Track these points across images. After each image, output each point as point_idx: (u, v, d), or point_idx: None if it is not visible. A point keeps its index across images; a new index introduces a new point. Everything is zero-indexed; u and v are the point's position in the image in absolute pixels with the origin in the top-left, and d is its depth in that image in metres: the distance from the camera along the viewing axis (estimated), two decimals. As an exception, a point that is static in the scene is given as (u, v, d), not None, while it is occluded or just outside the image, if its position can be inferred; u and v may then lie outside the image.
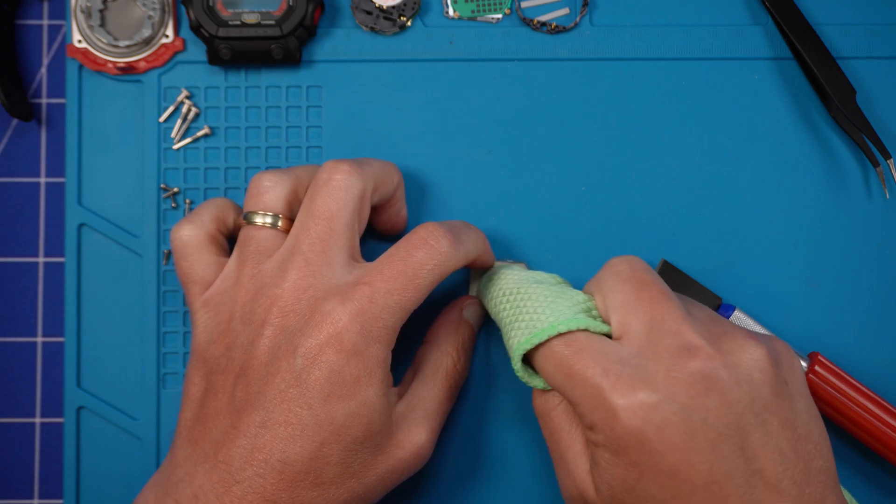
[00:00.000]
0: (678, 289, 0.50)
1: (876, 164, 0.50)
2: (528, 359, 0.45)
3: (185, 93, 0.52)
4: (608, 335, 0.43)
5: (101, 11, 0.51)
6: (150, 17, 0.51)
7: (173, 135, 0.52)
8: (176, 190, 0.52)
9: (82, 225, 0.52)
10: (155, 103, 0.52)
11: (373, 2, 0.51)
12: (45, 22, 0.54)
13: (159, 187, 0.52)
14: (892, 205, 0.51)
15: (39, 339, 0.53)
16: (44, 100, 0.54)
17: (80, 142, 0.52)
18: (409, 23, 0.52)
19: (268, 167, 0.52)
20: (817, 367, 0.48)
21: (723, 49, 0.52)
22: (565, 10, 0.52)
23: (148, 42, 0.52)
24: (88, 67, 0.52)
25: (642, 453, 0.40)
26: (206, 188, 0.52)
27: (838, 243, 0.51)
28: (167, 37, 0.52)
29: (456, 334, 0.49)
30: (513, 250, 0.52)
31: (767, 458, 0.40)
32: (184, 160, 0.52)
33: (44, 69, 0.54)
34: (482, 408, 0.51)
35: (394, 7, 0.52)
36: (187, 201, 0.52)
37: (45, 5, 0.54)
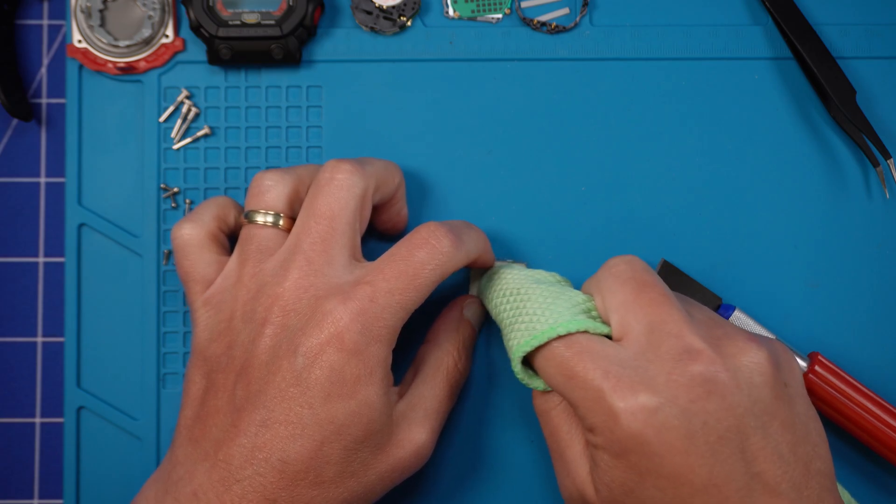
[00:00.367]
0: (678, 289, 0.50)
1: (876, 164, 0.50)
2: (528, 360, 0.45)
3: (185, 93, 0.52)
4: (608, 336, 0.43)
5: (101, 11, 0.51)
6: (150, 17, 0.51)
7: (173, 135, 0.52)
8: (176, 190, 0.52)
9: (82, 225, 0.52)
10: (155, 103, 0.52)
11: (373, 2, 0.51)
12: (45, 22, 0.54)
13: (159, 187, 0.52)
14: (892, 205, 0.51)
15: (39, 339, 0.53)
16: (44, 100, 0.54)
17: (80, 142, 0.52)
18: (409, 23, 0.52)
19: (268, 167, 0.52)
20: (817, 367, 0.48)
21: (723, 49, 0.52)
22: (565, 10, 0.52)
23: (148, 42, 0.52)
24: (88, 67, 0.52)
25: (642, 456, 0.40)
26: (206, 188, 0.52)
27: (838, 243, 0.51)
28: (167, 37, 0.52)
29: (457, 333, 0.49)
30: (513, 250, 0.52)
31: (767, 461, 0.40)
32: (184, 160, 0.52)
33: (44, 69, 0.54)
34: (483, 407, 0.51)
35: (394, 7, 0.52)
36: (187, 201, 0.52)
37: (45, 5, 0.54)
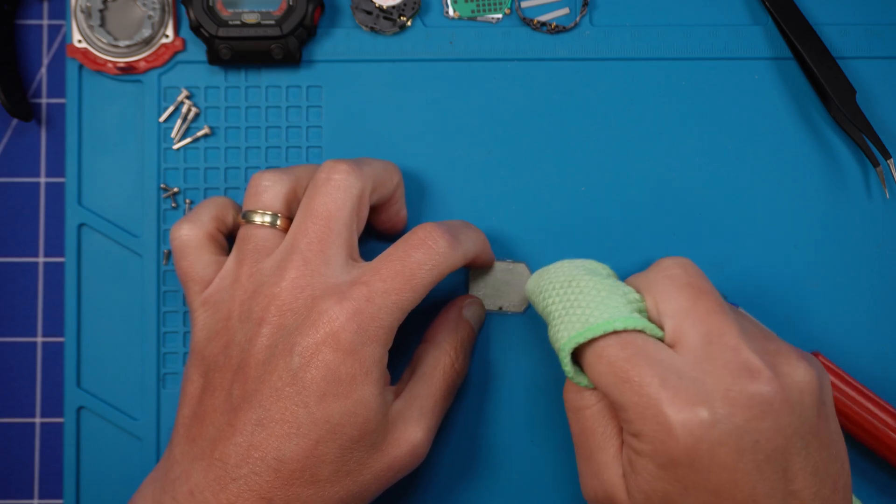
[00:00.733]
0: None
1: (876, 164, 0.50)
2: (575, 354, 0.43)
3: (185, 93, 0.52)
4: (661, 339, 0.42)
5: (101, 11, 0.51)
6: (150, 17, 0.51)
7: (173, 135, 0.52)
8: (176, 190, 0.52)
9: (82, 225, 0.52)
10: (155, 103, 0.52)
11: (373, 2, 0.51)
12: (45, 22, 0.54)
13: (159, 187, 0.52)
14: (892, 205, 0.51)
15: (39, 339, 0.53)
16: (44, 100, 0.54)
17: (80, 142, 0.52)
18: (409, 23, 0.52)
19: (268, 167, 0.52)
20: (817, 368, 0.48)
21: (723, 49, 0.52)
22: (565, 10, 0.52)
23: (148, 42, 0.52)
24: (88, 67, 0.52)
25: (690, 470, 0.39)
26: (206, 188, 0.52)
27: (838, 243, 0.51)
28: (167, 37, 0.52)
29: (455, 333, 0.49)
30: (513, 250, 0.52)
31: (804, 480, 0.40)
32: (184, 160, 0.52)
33: (44, 69, 0.54)
34: (479, 407, 0.51)
35: (394, 7, 0.52)
36: (187, 201, 0.52)
37: (45, 5, 0.54)
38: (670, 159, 0.52)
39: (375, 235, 0.51)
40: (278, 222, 0.46)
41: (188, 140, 0.52)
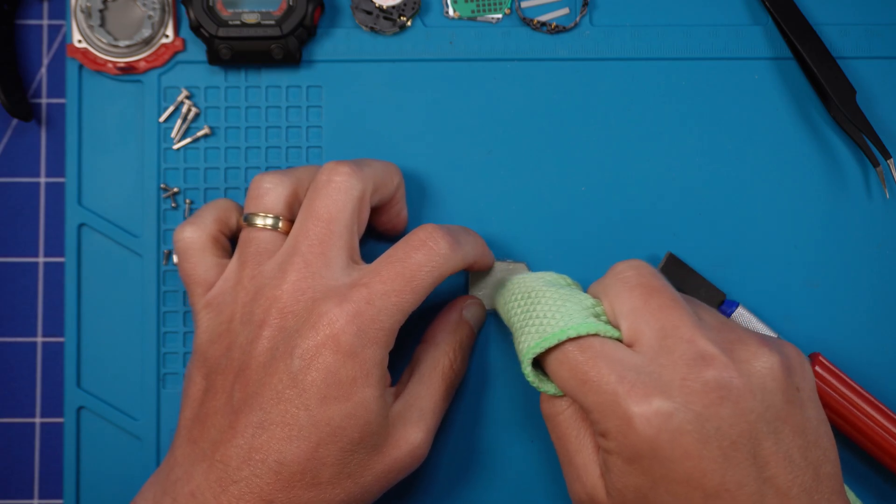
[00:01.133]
0: (684, 283, 0.50)
1: (876, 164, 0.50)
2: (539, 363, 0.44)
3: (185, 93, 0.52)
4: (619, 340, 0.43)
5: (101, 11, 0.51)
6: (150, 17, 0.51)
7: (173, 135, 0.52)
8: (176, 190, 0.52)
9: (82, 225, 0.52)
10: (155, 103, 0.52)
11: (373, 2, 0.51)
12: (45, 22, 0.54)
13: (159, 187, 0.52)
14: (892, 205, 0.51)
15: (39, 339, 0.53)
16: (44, 100, 0.54)
17: (80, 142, 0.52)
18: (409, 23, 0.52)
19: (268, 167, 0.52)
20: (818, 369, 0.48)
21: (723, 49, 0.52)
22: (565, 10, 0.52)
23: (148, 42, 0.52)
24: (88, 67, 0.52)
25: (655, 461, 0.40)
26: (206, 188, 0.52)
27: (838, 243, 0.51)
28: (167, 37, 0.52)
29: (455, 334, 0.49)
30: (513, 250, 0.52)
31: (778, 466, 0.40)
32: (184, 160, 0.52)
33: (44, 69, 0.54)
34: (479, 408, 0.51)
35: (394, 7, 0.51)
36: (187, 201, 0.52)
37: (45, 5, 0.54)
38: (670, 159, 0.52)
39: (376, 236, 0.51)
40: (280, 225, 0.46)
41: (188, 140, 0.52)
